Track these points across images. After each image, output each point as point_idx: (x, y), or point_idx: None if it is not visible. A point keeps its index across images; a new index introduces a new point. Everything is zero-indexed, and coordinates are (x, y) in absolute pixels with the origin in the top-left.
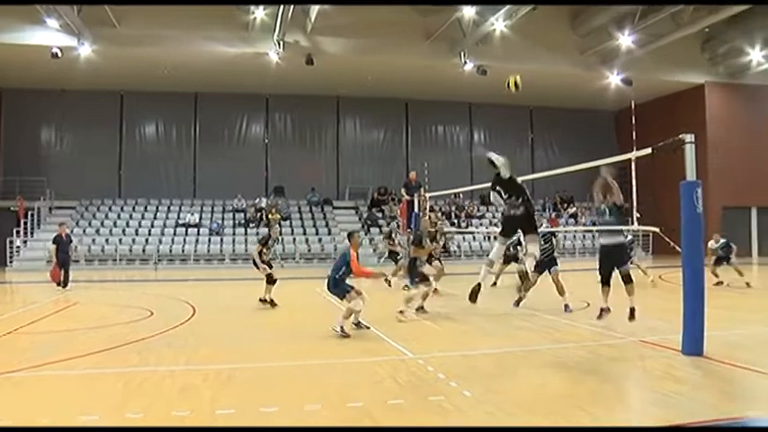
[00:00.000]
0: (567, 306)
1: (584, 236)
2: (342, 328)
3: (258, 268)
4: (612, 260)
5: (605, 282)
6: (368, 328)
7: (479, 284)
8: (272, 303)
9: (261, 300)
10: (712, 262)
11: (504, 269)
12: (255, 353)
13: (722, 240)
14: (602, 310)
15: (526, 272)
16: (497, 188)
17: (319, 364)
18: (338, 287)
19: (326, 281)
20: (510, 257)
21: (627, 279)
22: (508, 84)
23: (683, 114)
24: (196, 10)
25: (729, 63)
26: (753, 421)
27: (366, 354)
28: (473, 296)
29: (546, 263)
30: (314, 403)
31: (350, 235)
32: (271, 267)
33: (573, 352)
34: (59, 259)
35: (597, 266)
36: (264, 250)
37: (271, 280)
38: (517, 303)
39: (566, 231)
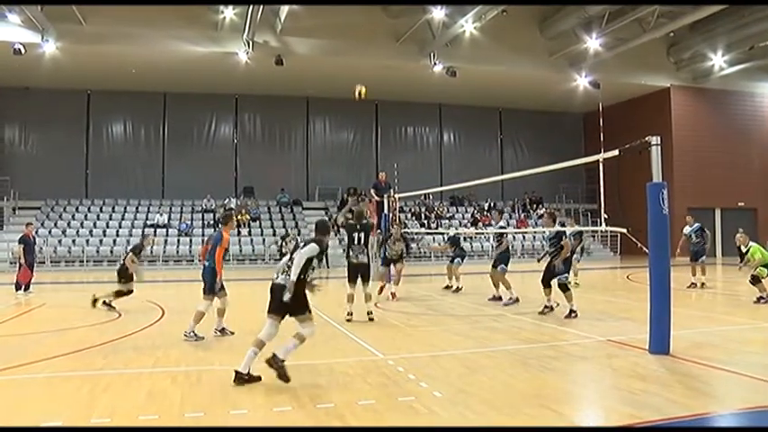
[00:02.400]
0: (495, 298)
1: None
2: (193, 333)
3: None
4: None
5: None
6: (232, 333)
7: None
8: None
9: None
10: (690, 258)
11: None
12: (225, 354)
13: (696, 225)
14: (545, 307)
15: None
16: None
17: (288, 365)
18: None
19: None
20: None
21: (563, 288)
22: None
23: (650, 117)
24: (165, 8)
25: (693, 67)
26: (717, 417)
27: (335, 355)
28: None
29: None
30: (284, 405)
31: (226, 216)
32: (131, 280)
33: (541, 352)
34: (28, 261)
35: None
36: (135, 260)
37: (121, 294)
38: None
39: (535, 232)
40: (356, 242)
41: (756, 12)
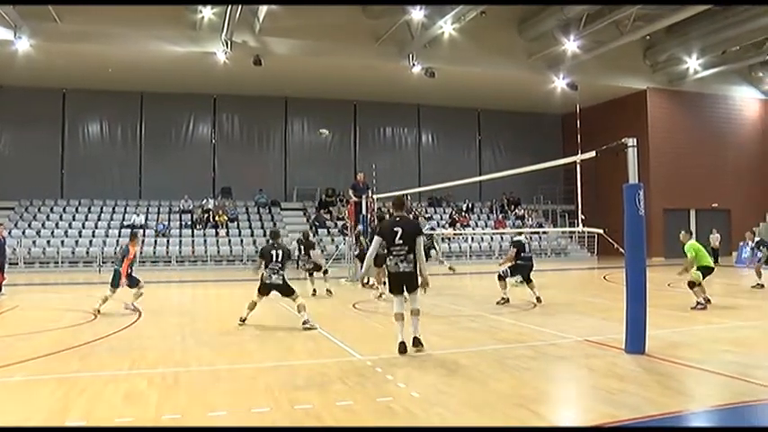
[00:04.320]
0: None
1: (530, 237)
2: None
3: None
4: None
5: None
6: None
7: None
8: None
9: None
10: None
11: None
12: (202, 356)
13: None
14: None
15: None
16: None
17: (266, 366)
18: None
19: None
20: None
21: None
22: None
23: (627, 119)
24: (142, 8)
25: (669, 70)
26: (693, 415)
27: (313, 355)
28: None
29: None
30: (262, 406)
31: (133, 234)
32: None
33: (518, 352)
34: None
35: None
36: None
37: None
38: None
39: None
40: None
41: (730, 17)
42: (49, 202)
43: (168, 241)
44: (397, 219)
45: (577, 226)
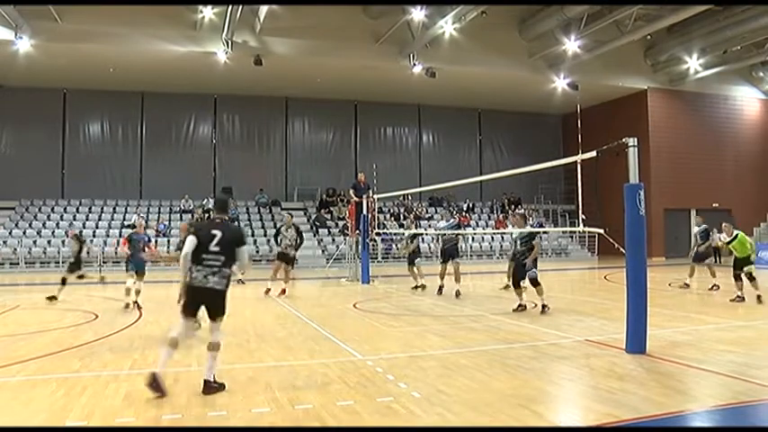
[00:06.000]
0: (458, 292)
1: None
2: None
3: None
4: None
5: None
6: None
7: None
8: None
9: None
10: (693, 259)
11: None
12: (202, 355)
13: (703, 226)
14: (519, 305)
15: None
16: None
17: (266, 366)
18: None
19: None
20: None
21: (534, 283)
22: None
23: (627, 119)
24: (143, 7)
25: (670, 70)
26: (693, 415)
27: (314, 355)
28: None
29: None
30: (262, 406)
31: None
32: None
33: (519, 352)
34: None
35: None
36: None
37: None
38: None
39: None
40: None
41: (731, 16)
42: (50, 201)
43: (169, 241)
44: (218, 221)
45: (578, 226)
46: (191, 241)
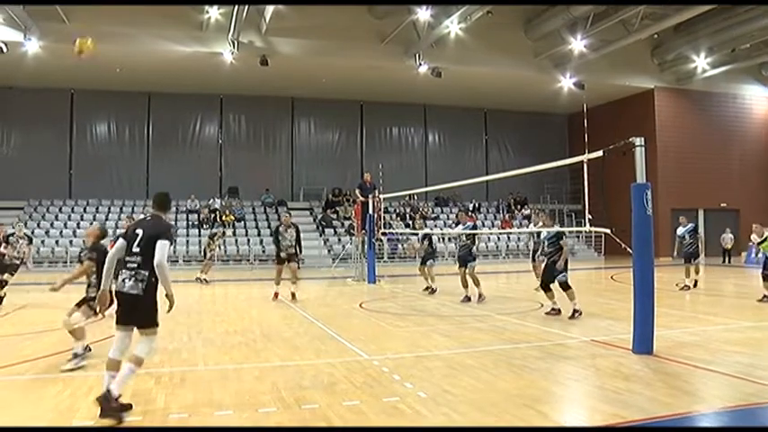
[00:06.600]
0: (480, 295)
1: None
2: None
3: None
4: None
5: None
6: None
7: None
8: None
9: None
10: (684, 260)
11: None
12: (208, 355)
13: (690, 225)
14: (552, 309)
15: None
16: None
17: (273, 366)
18: None
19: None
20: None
21: (564, 287)
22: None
23: (634, 118)
24: (150, 8)
25: (677, 69)
26: (700, 416)
27: (320, 355)
28: None
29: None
30: (269, 406)
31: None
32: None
33: (525, 352)
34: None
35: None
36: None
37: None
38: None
39: (520, 233)
40: None
41: (739, 14)
42: (58, 201)
43: (175, 241)
44: (147, 218)
45: (584, 226)
46: (119, 244)
